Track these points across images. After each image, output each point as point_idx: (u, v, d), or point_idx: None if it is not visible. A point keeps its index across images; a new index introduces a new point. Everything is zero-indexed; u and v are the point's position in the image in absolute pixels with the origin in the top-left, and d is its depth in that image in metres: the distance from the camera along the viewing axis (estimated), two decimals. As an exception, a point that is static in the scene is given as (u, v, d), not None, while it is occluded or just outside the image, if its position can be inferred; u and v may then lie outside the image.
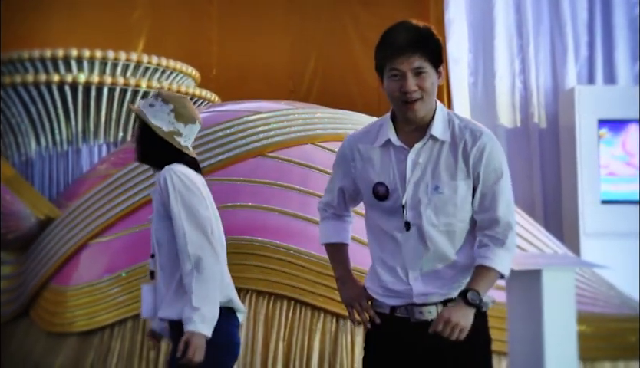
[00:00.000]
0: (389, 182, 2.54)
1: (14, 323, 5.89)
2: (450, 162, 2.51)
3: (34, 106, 6.38)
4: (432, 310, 2.51)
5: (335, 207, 2.75)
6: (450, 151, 2.52)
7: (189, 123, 3.12)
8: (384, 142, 2.56)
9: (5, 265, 6.16)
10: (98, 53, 6.41)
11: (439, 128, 2.53)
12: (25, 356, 5.58)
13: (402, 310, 2.54)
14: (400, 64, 2.44)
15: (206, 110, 6.28)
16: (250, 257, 4.73)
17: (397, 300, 2.55)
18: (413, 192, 2.51)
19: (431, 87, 2.48)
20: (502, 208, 2.53)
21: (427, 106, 2.50)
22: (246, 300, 4.69)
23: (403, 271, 2.53)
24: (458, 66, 7.90)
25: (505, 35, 7.97)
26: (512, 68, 7.95)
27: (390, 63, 2.47)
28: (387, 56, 2.47)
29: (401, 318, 2.55)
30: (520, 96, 7.91)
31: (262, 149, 5.24)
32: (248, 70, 9.14)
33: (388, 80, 2.49)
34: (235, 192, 5.08)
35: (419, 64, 2.45)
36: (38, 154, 6.52)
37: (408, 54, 2.44)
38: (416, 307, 2.52)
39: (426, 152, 2.52)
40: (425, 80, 2.46)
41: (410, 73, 2.44)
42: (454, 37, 7.93)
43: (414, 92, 2.45)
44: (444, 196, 2.48)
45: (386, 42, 2.50)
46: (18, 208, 5.84)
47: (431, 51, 2.48)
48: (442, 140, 2.52)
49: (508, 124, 7.92)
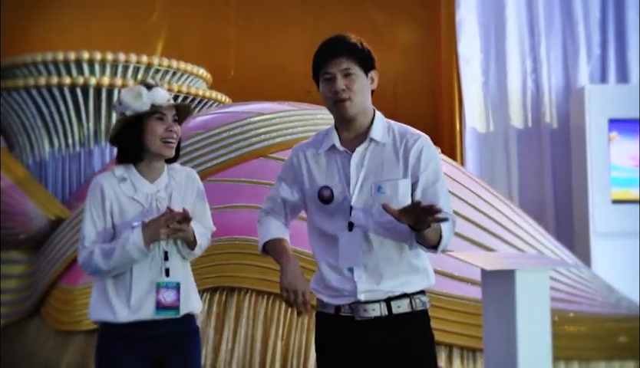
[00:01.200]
0: (334, 185, 2.68)
1: (26, 321, 6.01)
2: (390, 163, 2.67)
3: (47, 108, 6.48)
4: (376, 308, 2.62)
5: (277, 214, 2.86)
6: (390, 153, 2.68)
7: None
8: (329, 147, 2.72)
9: (18, 264, 6.29)
10: (109, 55, 6.49)
11: (378, 131, 2.69)
12: (36, 353, 5.70)
13: (347, 309, 2.65)
14: (331, 67, 2.66)
15: (212, 111, 6.36)
16: (250, 257, 4.78)
17: (342, 300, 2.65)
18: (358, 193, 2.65)
19: (360, 89, 2.66)
20: (443, 202, 2.64)
21: (356, 106, 2.66)
22: (246, 299, 4.77)
23: (348, 270, 2.64)
24: (469, 66, 7.88)
25: (516, 34, 7.93)
26: (523, 67, 7.90)
27: (323, 67, 2.68)
28: (320, 62, 2.69)
29: (346, 317, 2.65)
30: (532, 95, 7.87)
31: (264, 150, 5.31)
32: (265, 71, 9.22)
33: (322, 84, 2.70)
34: (237, 193, 5.14)
35: (347, 66, 2.65)
36: (51, 155, 6.62)
37: (337, 57, 2.65)
38: (360, 305, 2.62)
39: (368, 155, 2.68)
40: (353, 82, 2.65)
41: (339, 75, 2.64)
42: (465, 37, 7.90)
43: (342, 92, 2.64)
44: (387, 196, 2.61)
45: (319, 51, 2.72)
46: (29, 209, 5.98)
47: (358, 56, 2.66)
48: (382, 143, 2.68)
49: (519, 123, 7.88)
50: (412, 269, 2.67)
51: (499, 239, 4.88)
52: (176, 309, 3.06)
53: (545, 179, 7.68)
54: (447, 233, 2.61)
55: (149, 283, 3.02)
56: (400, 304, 2.63)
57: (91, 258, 2.95)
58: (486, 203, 5.20)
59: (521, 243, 4.92)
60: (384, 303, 2.62)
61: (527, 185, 7.74)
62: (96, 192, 3.03)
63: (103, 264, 2.93)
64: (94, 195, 3.03)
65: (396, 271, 2.64)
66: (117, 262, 2.94)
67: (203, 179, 5.21)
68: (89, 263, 2.96)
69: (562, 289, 4.51)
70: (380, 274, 2.63)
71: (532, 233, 5.14)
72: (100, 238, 3.00)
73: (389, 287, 2.63)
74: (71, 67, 6.50)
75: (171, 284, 3.07)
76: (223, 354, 4.71)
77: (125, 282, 3.01)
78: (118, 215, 3.01)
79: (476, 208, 5.06)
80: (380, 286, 2.62)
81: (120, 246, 2.92)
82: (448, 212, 2.60)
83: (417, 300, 2.66)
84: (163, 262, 3.06)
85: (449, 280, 4.46)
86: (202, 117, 6.03)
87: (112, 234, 3.02)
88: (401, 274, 2.64)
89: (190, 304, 3.13)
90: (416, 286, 2.67)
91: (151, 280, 3.02)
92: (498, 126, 7.88)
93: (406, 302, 2.64)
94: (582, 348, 4.31)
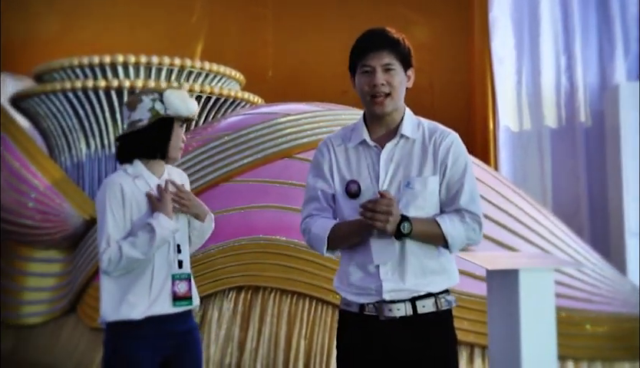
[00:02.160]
0: (362, 180, 2.63)
1: (64, 318, 6.17)
2: (420, 159, 2.62)
3: (83, 111, 6.62)
4: (401, 307, 2.57)
5: (322, 212, 2.73)
6: (419, 149, 2.63)
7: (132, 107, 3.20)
8: (359, 142, 2.67)
9: (56, 263, 6.46)
10: (143, 58, 6.61)
11: (409, 128, 2.64)
12: (72, 350, 5.84)
13: (371, 308, 2.60)
14: (371, 60, 2.59)
15: (241, 112, 6.44)
16: (275, 257, 4.85)
17: (367, 298, 2.61)
18: (387, 189, 2.59)
19: (399, 85, 2.60)
20: (466, 199, 2.61)
21: (394, 103, 2.61)
22: (270, 298, 4.83)
23: (374, 268, 2.60)
24: (502, 64, 7.82)
25: (550, 32, 7.84)
26: (557, 65, 7.80)
27: (362, 60, 2.61)
28: (360, 53, 2.62)
29: (370, 316, 2.61)
30: (566, 93, 7.77)
31: (290, 150, 5.37)
32: (301, 71, 9.29)
33: (359, 77, 2.63)
34: (262, 193, 5.21)
35: (388, 61, 2.59)
36: (88, 156, 6.77)
37: (378, 51, 2.59)
38: (385, 305, 2.58)
39: (398, 151, 2.64)
40: (393, 77, 2.59)
41: (379, 69, 2.58)
42: (499, 36, 7.85)
43: (382, 86, 2.58)
44: (415, 191, 2.57)
45: (359, 43, 2.65)
46: (65, 209, 6.13)
47: (400, 52, 2.61)
48: (412, 139, 2.64)
49: (553, 122, 7.79)
50: (437, 268, 2.62)
51: (524, 239, 4.85)
52: (189, 299, 3.17)
53: (580, 178, 7.58)
54: (456, 234, 2.57)
55: (164, 276, 3.13)
56: (425, 304, 2.59)
57: (122, 253, 3.02)
58: (511, 203, 5.17)
59: (545, 243, 4.89)
60: (409, 302, 2.58)
61: (561, 185, 7.66)
62: (115, 192, 3.10)
63: (140, 253, 3.03)
64: (114, 195, 3.10)
65: (422, 270, 2.60)
66: (155, 248, 3.05)
67: (230, 179, 5.39)
68: (119, 258, 3.03)
69: (584, 288, 4.48)
70: (406, 273, 2.58)
71: (556, 233, 5.10)
72: (122, 235, 3.09)
73: (414, 286, 2.58)
74: (107, 70, 6.62)
75: (184, 275, 3.18)
76: (248, 352, 4.77)
77: (146, 276, 3.10)
78: (136, 211, 3.11)
79: (500, 208, 5.04)
80: (405, 285, 2.58)
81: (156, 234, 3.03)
82: (475, 212, 2.59)
83: (441, 299, 2.61)
84: (176, 255, 3.17)
85: (471, 280, 4.46)
86: (232, 118, 6.12)
87: (129, 229, 3.11)
88: (427, 273, 2.60)
89: (197, 298, 3.24)
90: (441, 285, 2.63)
91: (166, 273, 3.13)
92: (531, 124, 7.81)
93: (431, 301, 2.60)
94: (605, 348, 4.28)
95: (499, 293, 2.98)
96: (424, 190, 2.59)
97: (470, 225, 2.61)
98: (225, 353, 4.83)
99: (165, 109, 3.12)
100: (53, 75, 6.89)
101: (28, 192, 6.32)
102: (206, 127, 6.19)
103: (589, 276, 4.61)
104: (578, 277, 4.59)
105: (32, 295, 6.48)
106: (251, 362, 4.74)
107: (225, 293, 4.95)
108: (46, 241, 6.34)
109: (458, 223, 2.59)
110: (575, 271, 4.56)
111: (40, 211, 6.23)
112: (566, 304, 4.29)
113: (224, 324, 4.88)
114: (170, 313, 3.13)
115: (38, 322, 6.32)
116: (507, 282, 2.92)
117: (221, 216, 5.15)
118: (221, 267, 4.96)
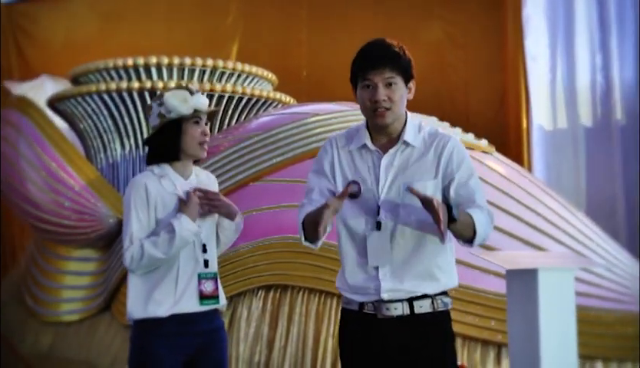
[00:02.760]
0: (362, 181, 2.70)
1: (98, 316, 6.27)
2: (420, 164, 2.70)
3: (117, 112, 6.72)
4: (398, 307, 2.66)
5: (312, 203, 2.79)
6: (420, 154, 2.71)
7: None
8: (361, 146, 2.74)
9: (92, 262, 6.56)
10: (176, 60, 6.69)
11: (410, 135, 2.72)
12: (107, 347, 5.94)
13: (370, 307, 2.68)
14: (372, 76, 2.65)
15: (272, 112, 6.49)
16: (303, 256, 4.88)
17: (366, 297, 2.69)
18: (387, 193, 2.67)
19: (400, 99, 2.68)
20: (479, 198, 2.68)
21: (394, 115, 2.69)
22: (298, 297, 4.87)
23: (373, 268, 2.67)
24: (536, 63, 7.75)
25: (586, 29, 7.74)
26: (593, 63, 7.70)
27: (364, 74, 2.66)
28: (362, 68, 2.67)
29: (369, 314, 2.69)
30: (601, 91, 7.68)
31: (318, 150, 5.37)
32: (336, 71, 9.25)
33: (361, 90, 2.70)
34: (291, 193, 5.22)
35: (389, 75, 2.65)
36: (123, 157, 6.86)
37: (380, 66, 2.64)
38: (383, 304, 2.66)
39: (399, 157, 2.71)
40: (394, 92, 2.66)
41: (381, 84, 2.64)
42: (532, 34, 7.78)
43: (383, 102, 2.65)
44: (414, 196, 2.60)
45: (361, 56, 2.70)
46: (99, 208, 6.23)
47: (402, 67, 2.67)
48: (413, 146, 2.71)
49: (588, 121, 7.70)
50: (435, 270, 2.69)
51: (552, 239, 4.82)
52: (216, 298, 3.23)
53: (616, 178, 7.47)
54: (483, 227, 2.62)
55: (189, 275, 3.18)
56: (422, 304, 2.67)
57: (144, 251, 3.08)
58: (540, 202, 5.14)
59: (575, 243, 4.84)
60: (407, 302, 2.66)
61: (596, 184, 7.56)
62: (140, 191, 3.17)
63: (161, 253, 3.08)
64: (138, 194, 3.17)
65: (419, 272, 2.67)
66: (176, 248, 3.10)
67: (259, 178, 5.43)
68: (141, 256, 3.09)
69: (614, 288, 4.43)
70: (404, 274, 2.66)
71: (586, 232, 5.05)
72: (146, 233, 3.15)
73: (411, 287, 2.66)
74: (141, 72, 6.71)
75: (210, 274, 3.23)
76: (277, 351, 4.82)
77: (172, 275, 3.16)
78: (161, 209, 3.17)
79: (529, 207, 5.01)
80: (403, 285, 2.65)
81: (176, 234, 3.08)
82: (484, 206, 2.66)
83: (438, 301, 2.69)
84: (202, 254, 3.22)
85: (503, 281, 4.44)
86: (262, 119, 6.17)
87: (154, 228, 3.17)
88: (425, 275, 2.67)
89: (223, 298, 3.28)
90: (438, 287, 2.70)
91: (191, 272, 3.19)
92: (566, 123, 7.73)
93: (427, 302, 2.67)
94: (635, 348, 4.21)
95: (519, 292, 2.98)
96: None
97: (490, 220, 2.68)
98: (255, 351, 4.88)
99: (168, 112, 3.18)
100: (89, 77, 7.00)
101: (64, 193, 6.44)
102: (237, 127, 6.25)
103: (619, 276, 4.56)
104: (607, 276, 4.54)
105: (70, 293, 6.60)
106: (279, 360, 4.78)
107: (254, 291, 5.00)
108: (82, 241, 6.45)
109: (483, 217, 2.64)
110: (605, 270, 4.52)
111: (76, 211, 6.34)
112: (595, 304, 4.25)
113: (253, 323, 4.93)
114: (196, 311, 3.19)
115: (75, 319, 6.43)
116: (526, 282, 2.92)
117: (250, 216, 5.22)
118: (250, 266, 5.02)
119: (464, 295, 4.23)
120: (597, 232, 5.25)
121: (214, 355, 3.24)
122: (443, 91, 8.75)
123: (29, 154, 6.73)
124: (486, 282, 4.30)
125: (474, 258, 3.74)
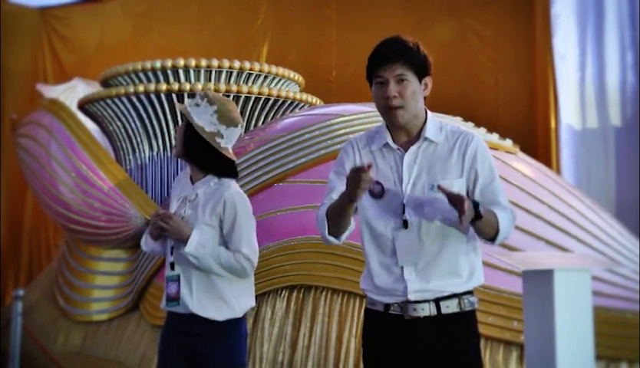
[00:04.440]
0: (385, 181, 2.68)
1: (127, 315, 6.35)
2: (444, 162, 2.67)
3: (146, 114, 6.78)
4: (425, 307, 2.63)
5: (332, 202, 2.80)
6: (443, 152, 2.68)
7: (230, 126, 3.32)
8: (382, 145, 2.72)
9: (121, 262, 6.65)
10: (203, 62, 6.74)
11: (432, 131, 2.70)
12: (135, 346, 6.01)
13: (396, 308, 2.67)
14: (384, 72, 2.64)
15: (297, 114, 6.51)
16: (326, 256, 4.90)
17: (392, 298, 2.67)
18: (411, 191, 2.65)
19: (412, 95, 2.65)
20: (503, 199, 2.68)
21: (408, 113, 2.66)
22: (322, 297, 4.88)
23: (398, 269, 2.65)
24: (565, 62, 7.70)
25: (616, 27, 7.66)
26: (623, 62, 7.63)
27: (376, 71, 2.66)
28: (374, 65, 2.67)
29: (395, 315, 2.66)
30: (631, 90, 7.59)
31: (342, 151, 5.40)
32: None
33: (374, 88, 2.69)
34: (317, 193, 5.23)
35: (401, 72, 2.63)
36: (151, 158, 6.92)
37: (391, 62, 2.62)
38: (410, 304, 2.64)
39: (421, 154, 2.68)
40: (406, 88, 2.63)
41: (392, 81, 2.63)
42: (561, 33, 7.73)
43: (394, 98, 2.62)
44: (439, 194, 2.58)
45: (374, 53, 2.70)
46: (127, 210, 6.30)
47: (414, 62, 2.64)
48: (435, 142, 2.68)
49: (617, 120, 7.62)
50: (462, 269, 2.67)
51: (575, 239, 4.78)
52: (177, 301, 3.29)
53: (646, 178, 7.39)
54: (505, 227, 2.61)
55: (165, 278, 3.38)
56: (449, 304, 2.65)
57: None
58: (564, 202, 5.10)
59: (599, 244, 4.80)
60: (433, 303, 2.64)
61: (626, 184, 7.47)
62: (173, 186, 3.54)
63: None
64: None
65: (446, 271, 2.65)
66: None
67: (284, 179, 5.46)
68: None
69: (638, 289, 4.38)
70: (430, 274, 2.64)
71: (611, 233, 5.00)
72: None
73: (438, 287, 2.64)
74: (169, 74, 6.78)
75: (174, 276, 3.31)
76: (300, 350, 4.83)
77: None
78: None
79: (551, 206, 4.98)
80: (429, 285, 2.63)
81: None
82: (507, 207, 2.66)
83: (465, 300, 2.67)
84: (170, 256, 3.33)
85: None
86: (287, 120, 6.20)
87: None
88: (451, 274, 2.66)
89: (202, 310, 3.29)
90: (465, 286, 2.68)
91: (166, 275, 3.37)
92: (595, 123, 7.66)
93: (455, 302, 2.65)
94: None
95: (535, 293, 2.97)
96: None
97: (512, 220, 2.67)
98: (278, 350, 4.90)
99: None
100: (118, 79, 7.08)
101: (94, 194, 6.53)
102: (263, 128, 6.28)
103: (645, 276, 4.51)
104: (633, 277, 4.49)
105: (99, 293, 6.69)
106: (303, 360, 4.80)
107: (278, 291, 5.03)
108: (111, 241, 6.53)
109: (506, 217, 2.64)
110: (631, 272, 4.47)
111: (105, 212, 6.43)
112: (619, 305, 4.21)
113: (277, 322, 4.96)
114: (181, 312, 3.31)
115: (105, 319, 6.52)
116: (542, 282, 2.91)
117: (275, 216, 5.26)
118: (274, 267, 5.04)
119: (487, 296, 4.21)
120: (622, 233, 5.19)
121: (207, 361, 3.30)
122: (473, 91, 8.72)
123: (60, 156, 6.85)
124: (509, 283, 4.27)
125: (496, 259, 3.73)
